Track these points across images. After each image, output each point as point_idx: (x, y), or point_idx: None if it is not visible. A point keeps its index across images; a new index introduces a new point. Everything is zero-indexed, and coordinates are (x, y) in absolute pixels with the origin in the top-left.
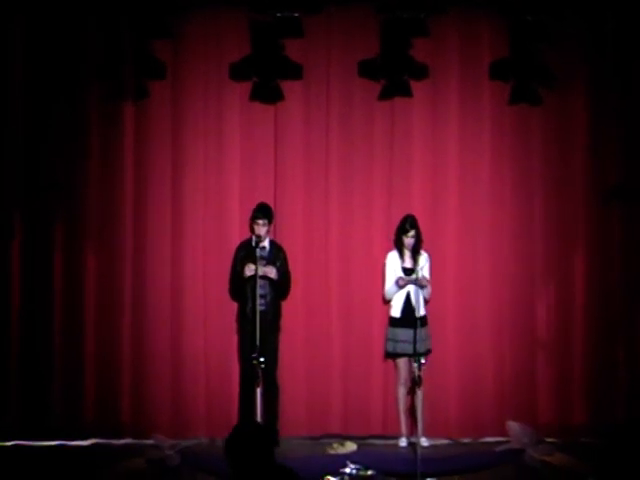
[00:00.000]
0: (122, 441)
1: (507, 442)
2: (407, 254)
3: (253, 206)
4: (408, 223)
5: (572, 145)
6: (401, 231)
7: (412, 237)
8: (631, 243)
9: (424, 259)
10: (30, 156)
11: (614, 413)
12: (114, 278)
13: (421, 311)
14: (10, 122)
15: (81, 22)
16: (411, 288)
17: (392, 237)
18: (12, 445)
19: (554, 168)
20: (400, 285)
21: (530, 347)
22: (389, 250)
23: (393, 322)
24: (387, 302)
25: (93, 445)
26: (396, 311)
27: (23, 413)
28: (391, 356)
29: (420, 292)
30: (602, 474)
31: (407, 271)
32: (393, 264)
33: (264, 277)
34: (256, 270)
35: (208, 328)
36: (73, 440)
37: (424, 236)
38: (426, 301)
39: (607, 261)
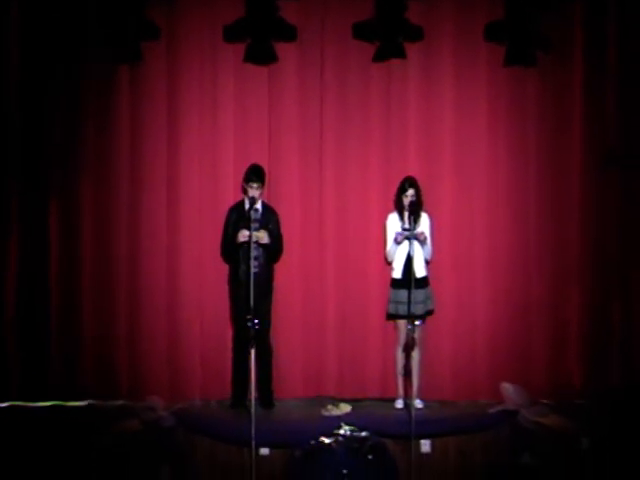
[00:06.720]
0: (117, 402)
1: (501, 404)
2: (407, 215)
3: (246, 167)
4: (407, 183)
5: (567, 107)
6: (400, 191)
7: (411, 197)
8: (628, 206)
9: (425, 220)
10: (25, 116)
11: (608, 375)
12: (110, 237)
13: (420, 272)
14: (6, 82)
15: None
16: (412, 248)
17: (388, 198)
18: (8, 405)
19: (549, 128)
20: (398, 241)
21: (525, 309)
22: (385, 212)
23: (394, 284)
24: (389, 263)
25: (89, 406)
26: (397, 272)
27: (20, 374)
28: (392, 317)
29: (421, 252)
30: (596, 435)
31: (407, 232)
32: (393, 225)
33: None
34: (250, 235)
35: (203, 291)
36: (69, 401)
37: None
38: (427, 262)
39: (603, 224)
